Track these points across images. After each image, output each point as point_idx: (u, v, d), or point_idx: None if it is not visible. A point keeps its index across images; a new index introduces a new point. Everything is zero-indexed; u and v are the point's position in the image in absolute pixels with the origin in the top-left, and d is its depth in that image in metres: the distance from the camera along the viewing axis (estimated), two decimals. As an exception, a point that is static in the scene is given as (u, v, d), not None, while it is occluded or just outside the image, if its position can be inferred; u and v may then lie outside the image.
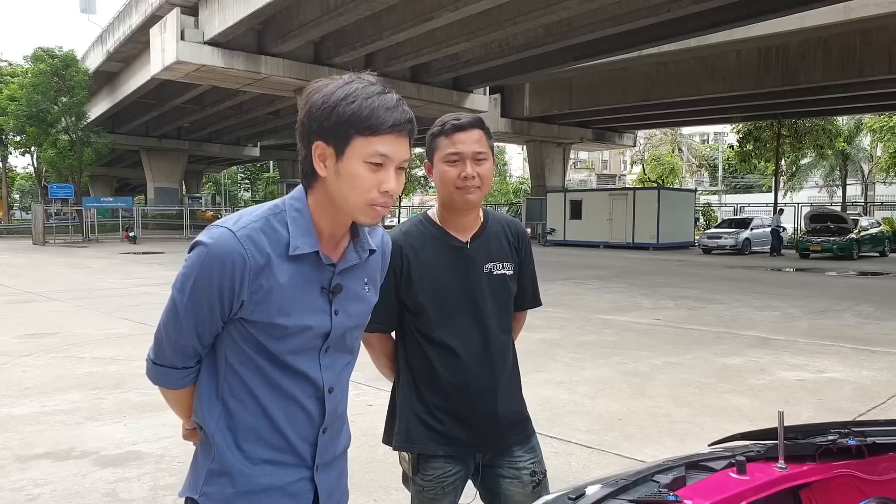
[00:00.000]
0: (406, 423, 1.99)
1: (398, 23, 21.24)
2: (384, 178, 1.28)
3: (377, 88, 1.30)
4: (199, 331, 1.33)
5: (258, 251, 1.28)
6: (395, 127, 1.28)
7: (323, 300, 1.36)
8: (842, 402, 5.62)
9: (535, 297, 2.17)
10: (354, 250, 1.40)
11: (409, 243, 1.97)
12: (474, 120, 1.94)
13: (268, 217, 1.32)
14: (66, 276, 16.50)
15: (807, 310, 10.93)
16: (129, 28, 29.53)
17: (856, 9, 19.68)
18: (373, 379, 6.28)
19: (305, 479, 1.40)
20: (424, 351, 1.96)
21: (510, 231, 2.06)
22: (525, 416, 2.06)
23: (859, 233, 23.45)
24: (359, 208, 1.29)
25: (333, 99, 1.26)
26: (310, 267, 1.33)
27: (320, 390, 1.39)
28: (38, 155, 41.20)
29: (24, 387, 5.97)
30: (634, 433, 4.85)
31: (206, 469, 1.37)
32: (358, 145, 1.26)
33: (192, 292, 1.29)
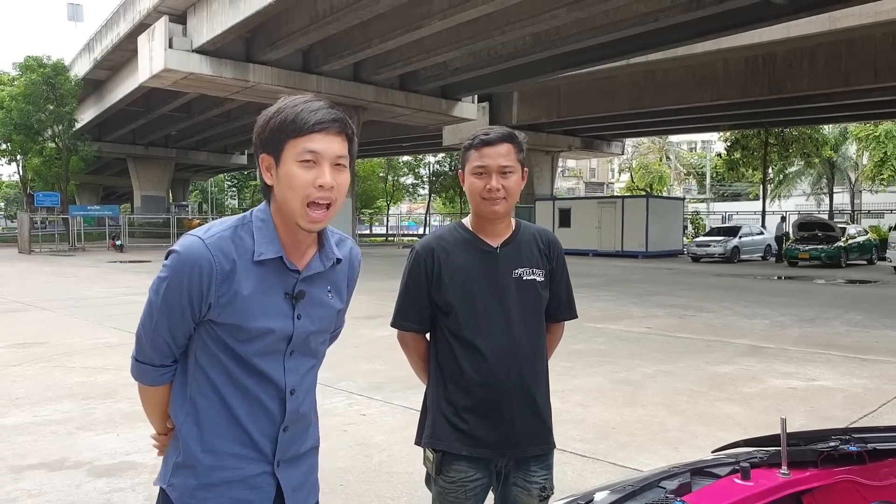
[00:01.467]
0: (433, 421, 2.07)
1: (387, 31, 21.30)
2: (318, 174, 1.38)
3: (305, 98, 1.42)
4: (172, 331, 1.43)
5: (225, 258, 1.39)
6: (320, 125, 1.38)
7: (286, 305, 1.45)
8: (833, 411, 5.66)
9: (569, 308, 2.20)
10: (319, 259, 1.49)
11: (442, 246, 2.08)
12: (504, 134, 2.01)
13: (235, 227, 1.44)
14: (52, 284, 16.37)
15: (796, 318, 11.01)
16: (117, 36, 29.43)
17: (841, 19, 19.92)
18: (365, 388, 6.30)
19: (267, 473, 1.48)
20: (453, 350, 2.03)
21: (541, 239, 2.12)
22: (548, 427, 2.10)
23: (847, 241, 23.63)
24: (298, 210, 1.39)
25: (268, 115, 1.41)
26: (274, 273, 1.43)
27: (282, 391, 1.47)
28: (24, 163, 40.89)
29: (15, 397, 5.92)
30: (628, 441, 4.87)
31: (174, 462, 1.46)
32: (289, 148, 1.37)
33: (164, 294, 1.40)
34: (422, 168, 58.91)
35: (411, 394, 6.10)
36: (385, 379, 6.68)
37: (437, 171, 56.76)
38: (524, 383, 2.01)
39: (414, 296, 2.10)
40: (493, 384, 1.99)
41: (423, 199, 63.91)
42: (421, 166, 58.77)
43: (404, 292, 2.14)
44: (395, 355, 7.96)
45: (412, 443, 4.68)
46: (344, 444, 4.71)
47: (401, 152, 53.11)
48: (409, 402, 5.83)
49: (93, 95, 38.72)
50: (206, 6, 22.78)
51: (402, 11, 20.05)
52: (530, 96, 32.25)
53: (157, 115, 38.32)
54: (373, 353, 7.87)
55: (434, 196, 59.67)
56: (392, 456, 4.52)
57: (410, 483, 4.05)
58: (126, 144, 46.66)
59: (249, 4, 20.31)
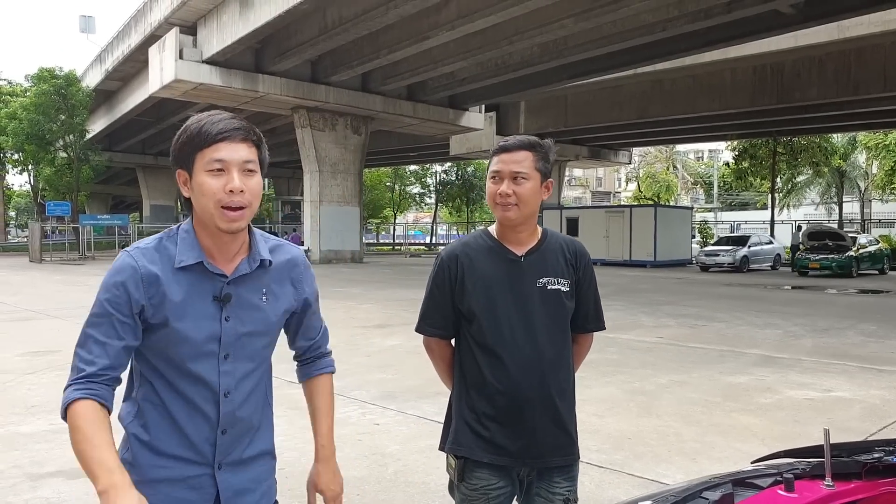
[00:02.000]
0: (455, 427, 2.07)
1: (395, 41, 21.42)
2: (227, 180, 1.46)
3: (209, 114, 1.52)
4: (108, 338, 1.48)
5: (149, 263, 1.49)
6: (222, 134, 1.46)
7: (214, 307, 1.51)
8: (852, 422, 5.61)
9: (597, 319, 2.18)
10: (247, 262, 1.56)
11: (466, 253, 2.08)
12: (523, 141, 2.03)
13: (161, 238, 1.55)
14: (64, 293, 16.44)
15: (809, 328, 10.94)
16: (128, 47, 29.69)
17: (849, 28, 19.92)
18: (378, 398, 6.29)
19: (206, 475, 1.54)
20: (475, 357, 2.04)
21: (568, 249, 2.11)
22: (572, 439, 2.07)
23: (858, 250, 23.49)
24: (214, 213, 1.46)
25: (178, 135, 1.52)
26: (201, 278, 1.51)
27: (216, 394, 1.53)
28: (36, 173, 41.19)
29: (31, 405, 5.93)
30: (645, 452, 4.84)
31: (120, 458, 1.47)
32: (198, 160, 1.46)
33: (96, 306, 1.50)
34: (429, 177, 58.99)
35: (424, 403, 6.09)
36: (397, 388, 6.67)
37: (443, 181, 56.82)
38: (547, 393, 2.00)
39: (438, 302, 2.10)
40: (514, 393, 1.98)
41: (429, 208, 63.97)
42: (428, 175, 58.84)
43: (429, 298, 2.14)
44: (407, 364, 7.97)
45: (427, 452, 4.72)
46: (359, 454, 4.70)
47: (408, 162, 53.25)
48: (422, 411, 5.82)
49: (104, 106, 39.03)
50: (216, 17, 22.96)
51: (410, 22, 20.16)
52: (537, 106, 32.33)
53: (166, 126, 38.54)
54: (384, 363, 7.86)
55: (440, 205, 59.73)
56: (408, 465, 4.51)
57: (427, 493, 4.04)
58: (136, 154, 46.98)
59: (259, 15, 20.47)
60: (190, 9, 23.35)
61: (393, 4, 18.13)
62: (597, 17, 17.91)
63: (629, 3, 16.79)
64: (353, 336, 9.69)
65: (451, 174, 56.15)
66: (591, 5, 17.46)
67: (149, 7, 26.33)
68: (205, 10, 23.33)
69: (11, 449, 4.75)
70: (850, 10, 17.43)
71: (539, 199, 2.04)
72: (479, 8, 18.21)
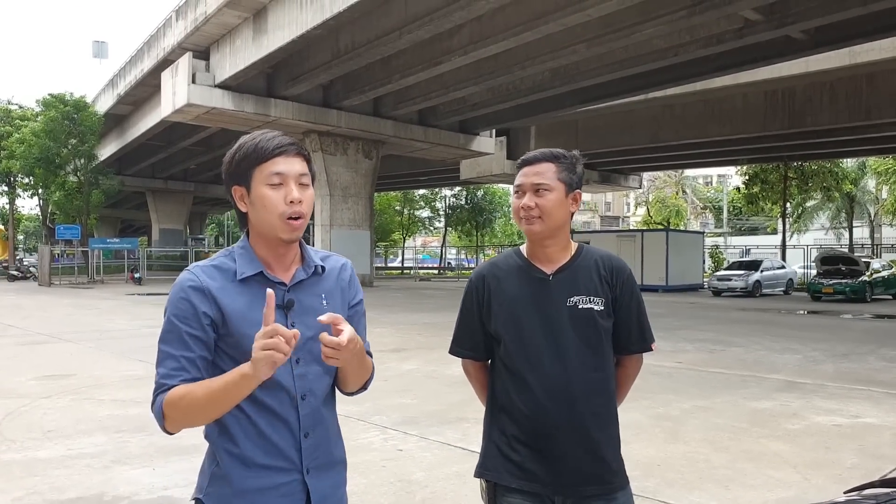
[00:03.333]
0: (485, 451, 2.01)
1: (407, 66, 21.55)
2: (287, 192, 1.54)
3: (261, 132, 1.60)
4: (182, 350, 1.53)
5: (209, 279, 1.56)
6: (278, 149, 1.55)
7: (279, 315, 1.54)
8: (884, 448, 5.48)
9: (641, 339, 2.03)
10: (302, 269, 1.63)
11: (493, 273, 2.03)
12: (545, 153, 1.98)
13: (220, 257, 1.63)
14: (74, 317, 16.42)
15: (829, 353, 10.79)
16: (141, 72, 29.99)
17: (860, 53, 19.94)
18: (399, 423, 6.19)
19: (297, 481, 1.58)
20: (504, 380, 1.97)
21: (604, 265, 2.00)
22: (612, 468, 1.94)
23: (871, 275, 23.30)
24: (277, 225, 1.54)
25: (232, 152, 1.59)
26: (261, 288, 1.53)
27: (294, 398, 1.57)
28: (45, 197, 41.45)
29: (47, 429, 5.85)
30: (676, 479, 4.72)
31: (210, 472, 1.58)
32: (257, 175, 1.54)
33: (167, 324, 1.55)
34: (438, 201, 59.09)
35: (447, 429, 5.99)
36: (418, 413, 6.57)
37: (453, 205, 56.88)
38: (578, 420, 1.89)
39: (467, 323, 2.06)
40: (542, 419, 1.89)
41: (438, 232, 64.00)
42: (437, 199, 58.95)
43: (459, 320, 2.10)
44: (426, 389, 7.89)
45: (454, 479, 4.63)
46: (384, 481, 4.59)
47: (418, 186, 53.39)
48: (445, 437, 5.72)
49: (115, 130, 39.36)
50: (229, 43, 23.18)
51: (422, 48, 20.30)
52: (548, 130, 32.42)
53: (176, 150, 38.85)
54: (402, 387, 7.76)
55: (450, 229, 59.73)
56: (435, 493, 4.40)
57: (457, 522, 3.93)
58: (146, 178, 47.29)
59: (272, 41, 20.65)
60: (203, 34, 23.58)
61: (406, 30, 18.26)
62: (609, 42, 17.99)
63: (641, 28, 16.86)
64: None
65: (461, 198, 56.20)
66: (602, 31, 17.54)
67: (162, 32, 26.63)
68: (218, 35, 23.56)
69: (30, 475, 4.66)
70: (862, 37, 17.45)
71: (565, 211, 1.96)
72: (491, 34, 18.33)
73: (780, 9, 15.99)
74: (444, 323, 14.71)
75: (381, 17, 18.83)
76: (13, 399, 7.07)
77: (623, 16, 16.83)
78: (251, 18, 21.65)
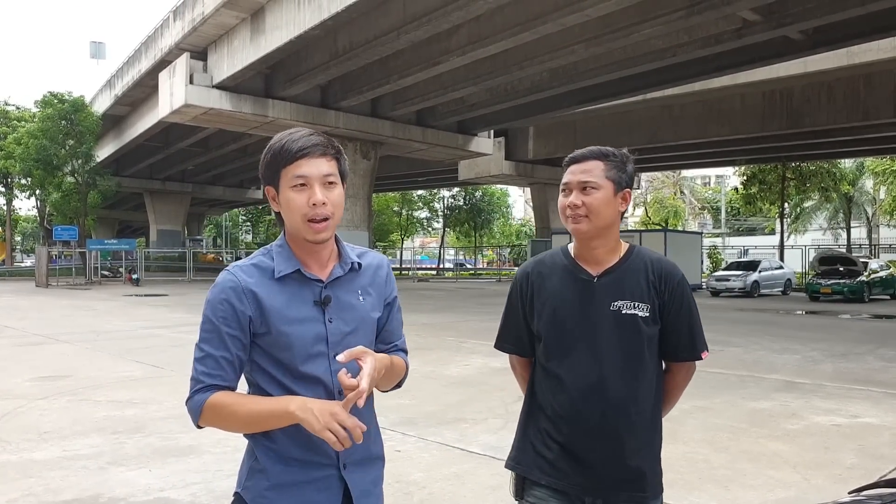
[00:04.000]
0: (519, 444, 2.01)
1: (406, 67, 21.52)
2: (310, 195, 1.55)
3: (290, 132, 1.61)
4: (222, 351, 1.57)
5: (249, 277, 1.59)
6: (302, 151, 1.55)
7: (317, 311, 1.60)
8: (884, 448, 5.47)
9: (691, 346, 1.95)
10: (339, 266, 1.66)
11: (538, 270, 2.01)
12: (593, 151, 1.94)
13: (259, 256, 1.66)
14: (72, 318, 16.37)
15: (827, 353, 10.78)
16: (138, 73, 29.94)
17: (858, 54, 19.95)
18: (397, 423, 6.16)
19: (333, 476, 1.60)
20: (541, 379, 1.96)
21: (653, 269, 1.93)
22: (646, 477, 1.89)
23: (869, 275, 23.31)
24: (300, 226, 1.57)
25: (264, 153, 1.61)
26: (300, 286, 1.60)
27: (331, 393, 1.59)
28: (43, 197, 41.36)
29: (43, 431, 5.82)
30: (675, 479, 4.69)
31: (248, 467, 1.62)
32: (283, 177, 1.56)
33: (205, 323, 1.59)
34: (436, 202, 59.10)
35: (445, 430, 5.97)
36: (416, 414, 6.54)
37: (451, 205, 56.89)
38: (611, 426, 1.85)
39: (511, 319, 2.06)
40: (575, 421, 1.87)
41: (436, 232, 63.97)
42: (435, 200, 58.96)
43: (504, 315, 2.09)
44: (424, 390, 7.86)
45: (453, 480, 4.60)
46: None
47: (416, 187, 53.36)
48: (443, 437, 5.70)
49: (112, 131, 39.29)
50: (227, 43, 23.14)
51: (420, 48, 20.27)
52: (546, 131, 32.42)
53: (174, 151, 38.77)
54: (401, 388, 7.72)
55: (448, 230, 59.71)
56: (433, 494, 4.37)
57: (456, 523, 3.90)
58: (143, 179, 47.20)
59: (270, 41, 20.62)
60: (200, 35, 23.54)
61: (404, 30, 18.23)
62: (607, 42, 17.97)
63: (640, 28, 16.85)
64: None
65: (459, 199, 56.20)
66: (601, 31, 17.53)
67: (160, 33, 26.58)
68: (215, 35, 23.52)
69: (25, 476, 4.63)
70: (860, 37, 17.45)
71: (614, 210, 1.90)
72: (489, 34, 18.31)
73: (778, 9, 15.98)
74: (442, 324, 14.68)
75: (379, 18, 18.80)
76: (9, 400, 7.03)
77: (621, 16, 16.82)
78: (249, 19, 21.62)
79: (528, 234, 61.40)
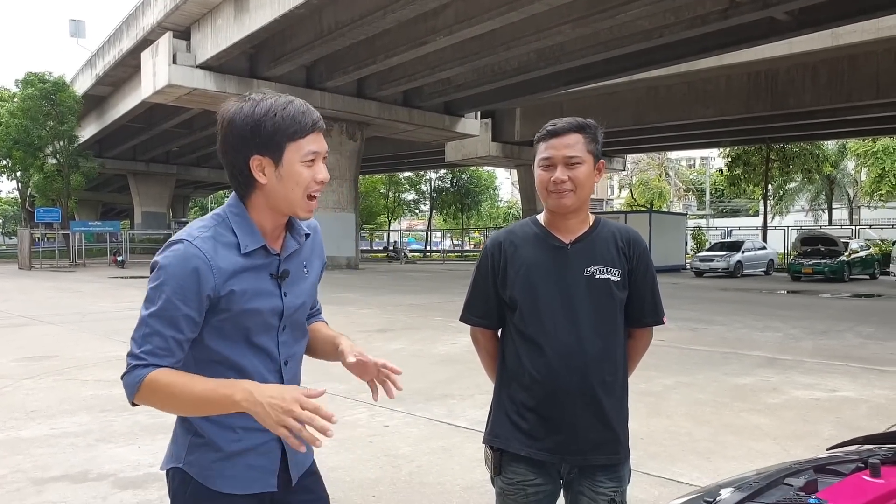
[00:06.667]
0: (494, 418, 2.02)
1: (392, 47, 21.39)
2: (317, 171, 1.53)
3: (285, 99, 1.50)
4: (178, 330, 1.47)
5: (215, 253, 1.48)
6: (314, 126, 1.50)
7: (273, 285, 1.58)
8: (860, 421, 5.58)
9: (654, 312, 2.03)
10: (293, 238, 1.63)
11: (510, 240, 2.01)
12: (573, 123, 1.95)
13: (214, 226, 1.53)
14: (56, 299, 16.28)
15: (808, 330, 10.95)
16: (120, 52, 29.54)
17: (843, 35, 20.04)
18: (385, 400, 6.17)
19: (273, 440, 1.60)
20: (517, 347, 1.96)
21: (621, 237, 2.00)
22: (617, 438, 1.96)
23: (850, 255, 23.63)
24: (299, 203, 1.52)
25: (256, 118, 1.46)
26: (259, 259, 1.55)
27: (277, 363, 1.61)
28: (24, 179, 40.87)
29: (30, 409, 5.82)
30: (659, 452, 4.79)
31: (188, 442, 1.58)
32: (290, 150, 1.48)
33: (164, 300, 1.45)
34: (423, 184, 58.99)
35: (433, 405, 6.03)
36: (404, 390, 6.51)
37: (438, 188, 56.80)
38: (589, 387, 1.90)
39: (481, 290, 2.05)
40: (553, 384, 1.90)
41: (423, 215, 63.89)
42: (422, 182, 58.85)
43: (472, 286, 2.08)
44: (412, 367, 7.92)
45: (440, 453, 4.66)
46: (371, 456, 4.62)
47: (403, 169, 53.19)
48: (431, 413, 5.76)
49: (94, 111, 38.80)
50: (210, 22, 22.88)
51: (407, 28, 20.15)
52: (533, 112, 32.38)
53: (158, 132, 38.38)
54: (388, 366, 7.76)
55: (435, 212, 59.67)
56: (421, 467, 4.44)
57: (443, 493, 3.97)
58: (127, 161, 46.70)
59: (255, 20, 20.41)
60: (183, 13, 23.26)
61: (390, 9, 18.11)
62: (594, 23, 17.95)
63: (626, 9, 16.83)
64: (354, 341, 9.58)
65: (446, 181, 56.11)
66: (588, 11, 17.49)
67: (141, 11, 26.22)
68: (198, 14, 23.25)
69: (13, 454, 4.64)
70: (845, 18, 17.53)
71: (592, 182, 1.95)
72: (476, 13, 18.22)
73: (764, -11, 16.03)
74: (429, 304, 14.74)
75: (364, -4, 18.67)
76: (-5, 380, 7.02)
77: (608, -4, 16.79)
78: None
79: (514, 215, 61.46)
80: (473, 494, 3.94)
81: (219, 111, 1.53)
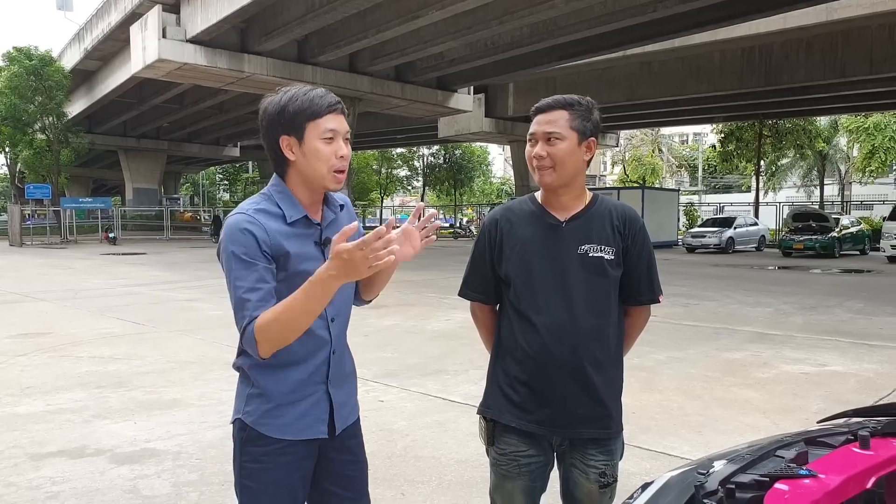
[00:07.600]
0: (488, 390, 2.08)
1: (384, 20, 21.15)
2: (337, 147, 1.72)
3: (308, 88, 1.76)
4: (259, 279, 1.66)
5: (268, 222, 1.69)
6: (331, 107, 1.71)
7: (317, 251, 1.77)
8: (849, 395, 5.67)
9: (650, 290, 2.04)
10: (330, 209, 1.84)
11: (507, 217, 2.06)
12: (558, 100, 1.97)
13: (262, 201, 1.75)
14: (48, 276, 16.22)
15: (798, 306, 11.05)
16: (108, 26, 29.10)
17: (838, 9, 19.91)
18: (380, 375, 6.26)
19: (323, 391, 1.80)
20: (511, 322, 2.01)
21: (616, 215, 2.02)
22: (608, 413, 1.98)
23: (841, 231, 23.74)
24: (326, 175, 1.72)
25: (282, 103, 1.72)
26: (303, 228, 1.75)
27: (325, 320, 1.78)
28: (14, 155, 40.47)
29: (25, 386, 5.84)
30: (650, 426, 4.85)
31: (246, 394, 1.77)
32: (311, 129, 1.69)
33: (237, 263, 1.65)
34: (416, 160, 58.75)
35: (427, 381, 6.08)
36: (398, 366, 6.64)
37: (431, 164, 56.60)
38: (579, 363, 1.93)
39: (478, 265, 2.10)
40: (545, 359, 1.94)
41: (416, 191, 63.75)
42: (415, 159, 58.60)
43: (470, 262, 2.13)
44: (406, 343, 7.96)
45: (434, 428, 4.72)
46: (365, 430, 4.55)
47: (395, 145, 52.88)
48: (425, 388, 5.81)
49: (83, 86, 38.33)
50: (200, -5, 22.55)
51: (399, 1, 19.93)
52: (526, 88, 32.18)
53: (148, 107, 37.96)
54: (383, 342, 7.82)
55: (428, 188, 59.53)
56: (416, 441, 4.49)
57: (438, 467, 4.02)
58: (117, 136, 46.22)
59: (245, -7, 20.11)
60: (173, -14, 22.92)
61: (382, -18, 17.89)
62: (587, -4, 17.78)
63: (620, -18, 16.67)
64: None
65: (439, 157, 55.89)
66: (581, -15, 17.32)
67: (129, -16, 25.82)
68: (188, -13, 22.91)
69: (10, 430, 4.67)
70: (839, -9, 17.43)
71: (578, 160, 1.96)
72: (469, -14, 18.02)
73: (759, -37, 15.89)
74: (423, 281, 14.77)
75: (356, -31, 18.42)
76: (-11, 357, 7.03)
77: (602, -31, 16.62)
78: (223, -30, 21.05)
79: (507, 192, 61.40)
80: (467, 468, 3.99)
81: (261, 102, 1.78)
